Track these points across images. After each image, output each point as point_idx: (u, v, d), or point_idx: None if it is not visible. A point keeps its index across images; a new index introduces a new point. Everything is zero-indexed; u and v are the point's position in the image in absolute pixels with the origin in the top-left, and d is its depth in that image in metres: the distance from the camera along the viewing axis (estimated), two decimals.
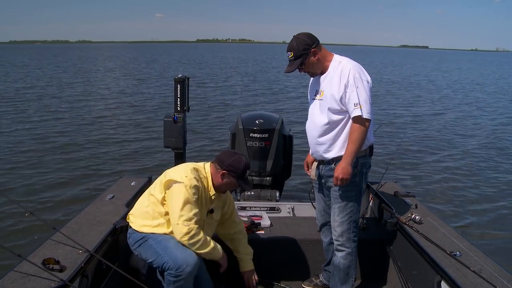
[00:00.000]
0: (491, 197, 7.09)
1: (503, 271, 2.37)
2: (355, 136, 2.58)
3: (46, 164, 8.13)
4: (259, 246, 3.19)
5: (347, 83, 2.56)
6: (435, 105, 17.36)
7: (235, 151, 2.97)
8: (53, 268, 2.21)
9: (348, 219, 2.75)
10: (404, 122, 13.37)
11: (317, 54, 2.65)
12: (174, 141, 4.23)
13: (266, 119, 4.37)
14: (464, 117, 14.74)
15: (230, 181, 2.72)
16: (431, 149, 10.06)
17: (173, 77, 4.26)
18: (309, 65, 2.68)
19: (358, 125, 2.57)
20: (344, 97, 2.59)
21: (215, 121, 12.48)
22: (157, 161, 8.31)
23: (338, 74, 2.61)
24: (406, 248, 2.94)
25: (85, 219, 2.96)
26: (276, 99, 17.60)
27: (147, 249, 2.62)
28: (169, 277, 2.52)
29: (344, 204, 2.74)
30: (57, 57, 56.59)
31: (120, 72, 30.97)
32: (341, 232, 2.78)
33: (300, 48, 2.63)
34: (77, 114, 13.39)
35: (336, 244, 2.85)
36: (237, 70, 33.86)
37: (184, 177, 2.57)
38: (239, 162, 2.70)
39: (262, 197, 4.28)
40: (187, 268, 2.47)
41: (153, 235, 2.63)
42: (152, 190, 2.72)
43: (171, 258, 2.50)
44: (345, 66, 2.62)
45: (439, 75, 36.31)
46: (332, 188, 2.77)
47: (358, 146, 2.60)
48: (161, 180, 2.69)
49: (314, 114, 2.80)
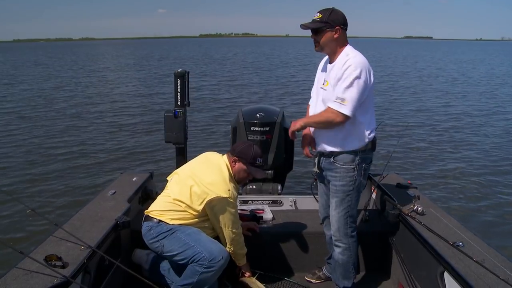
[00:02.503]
0: (494, 188, 7.08)
1: (506, 261, 2.36)
2: (320, 119, 2.61)
3: (47, 161, 8.15)
4: (262, 240, 3.19)
5: (342, 76, 2.50)
6: (440, 97, 17.22)
7: (248, 141, 3.01)
8: (56, 265, 2.21)
9: (345, 214, 2.72)
10: (406, 113, 13.34)
11: (338, 33, 2.55)
12: (175, 136, 4.22)
13: (267, 112, 4.35)
14: (472, 110, 14.59)
15: (241, 167, 2.80)
16: (434, 140, 10.04)
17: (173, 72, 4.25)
18: (325, 38, 2.57)
19: (328, 114, 2.54)
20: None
21: (216, 115, 12.47)
22: (158, 156, 8.32)
23: (341, 67, 2.54)
24: (408, 240, 2.93)
25: (87, 215, 2.95)
26: (282, 93, 17.42)
27: (175, 241, 2.64)
28: (198, 268, 2.56)
29: (341, 198, 2.71)
30: (67, 55, 56.55)
31: (125, 69, 30.85)
32: (337, 227, 2.76)
33: (331, 18, 2.53)
34: (78, 111, 13.42)
35: (333, 239, 2.83)
36: (253, 65, 33.57)
37: (227, 190, 2.67)
38: (249, 148, 2.82)
39: (264, 190, 4.28)
40: (222, 260, 2.58)
41: (181, 228, 2.68)
42: (184, 198, 2.69)
43: (206, 250, 2.57)
44: (348, 61, 2.53)
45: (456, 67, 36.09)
46: (331, 182, 2.76)
47: (315, 123, 2.68)
48: (197, 193, 2.66)
49: (317, 103, 2.77)
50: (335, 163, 2.69)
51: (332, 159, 2.70)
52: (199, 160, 2.93)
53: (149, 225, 2.73)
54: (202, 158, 2.94)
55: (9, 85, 20.52)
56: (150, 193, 3.78)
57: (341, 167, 2.66)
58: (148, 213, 2.80)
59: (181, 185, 2.74)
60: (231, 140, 4.34)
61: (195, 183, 2.68)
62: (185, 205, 2.68)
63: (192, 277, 2.57)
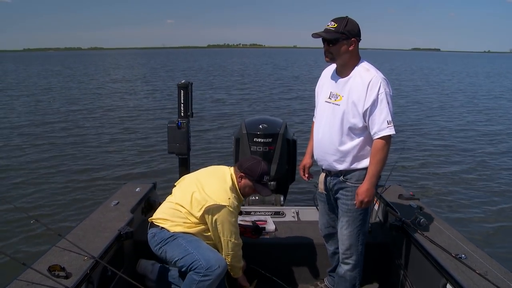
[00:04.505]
0: (496, 200, 7.04)
1: (509, 273, 2.36)
2: (382, 156, 2.44)
3: (50, 171, 8.17)
4: (264, 251, 3.19)
5: (376, 98, 2.39)
6: (444, 109, 17.17)
7: (257, 157, 3.01)
8: (59, 275, 2.22)
9: (357, 232, 2.67)
10: (409, 125, 13.32)
11: (353, 46, 2.44)
12: (178, 146, 4.23)
13: (270, 123, 4.36)
14: (473, 122, 14.59)
15: (247, 183, 2.79)
16: (436, 152, 10.02)
17: (177, 83, 4.29)
18: (339, 49, 2.43)
19: (385, 144, 2.43)
20: (369, 112, 2.42)
21: (220, 126, 12.49)
22: (161, 167, 8.33)
23: (366, 84, 2.41)
24: (411, 251, 2.93)
25: (90, 226, 2.96)
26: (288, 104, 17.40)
27: (176, 247, 2.66)
28: (195, 276, 2.56)
29: (354, 217, 2.64)
30: (76, 64, 56.93)
31: (131, 80, 30.92)
32: (349, 245, 2.70)
33: (347, 28, 2.40)
34: (81, 121, 13.48)
35: (343, 257, 2.76)
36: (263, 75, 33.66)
37: (227, 199, 2.65)
38: (256, 166, 2.79)
39: (267, 201, 4.28)
40: (218, 269, 2.56)
41: (184, 235, 2.69)
42: (185, 203, 2.71)
43: (203, 258, 2.57)
44: (374, 77, 2.42)
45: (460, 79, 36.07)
46: (341, 201, 2.67)
47: (382, 166, 2.48)
48: (198, 199, 2.67)
49: (326, 119, 2.61)
50: (346, 181, 2.61)
51: (342, 178, 2.62)
52: (207, 170, 2.96)
53: (153, 231, 2.77)
54: (210, 168, 2.97)
55: (14, 97, 20.65)
56: (153, 203, 3.79)
57: (353, 185, 2.57)
58: (152, 220, 2.83)
59: (185, 190, 2.78)
60: (233, 151, 4.35)
61: (197, 189, 2.71)
62: (185, 210, 2.70)
63: (190, 287, 2.58)
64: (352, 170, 2.57)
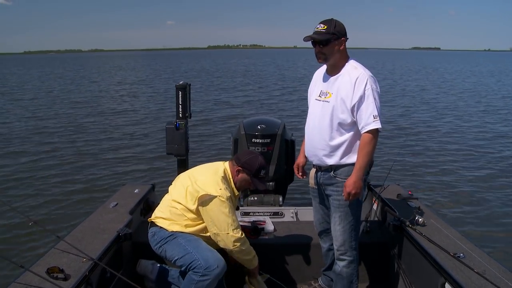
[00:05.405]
0: (496, 199, 7.04)
1: (508, 272, 2.36)
2: (369, 149, 2.51)
3: (49, 173, 8.17)
4: (263, 251, 3.19)
5: (363, 94, 2.48)
6: (441, 108, 17.16)
7: (254, 151, 3.01)
8: (57, 277, 2.22)
9: (350, 227, 2.70)
10: (407, 124, 13.32)
11: (342, 45, 2.57)
12: (176, 148, 4.24)
13: (268, 124, 4.37)
14: (470, 120, 14.57)
15: (244, 177, 2.80)
16: (434, 151, 10.02)
17: (175, 84, 4.29)
18: (331, 50, 2.55)
19: (372, 138, 2.51)
20: (356, 107, 2.51)
21: (218, 127, 12.49)
22: (160, 168, 8.33)
23: (353, 81, 2.51)
24: (409, 251, 2.93)
25: (88, 227, 2.97)
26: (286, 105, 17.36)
27: (175, 246, 2.67)
28: (194, 276, 2.56)
29: (345, 213, 2.67)
30: (77, 67, 56.92)
31: (131, 82, 30.85)
32: (343, 241, 2.73)
33: (336, 29, 2.53)
34: (80, 123, 13.47)
35: (338, 253, 2.79)
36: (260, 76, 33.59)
37: (219, 189, 2.64)
38: (254, 160, 2.80)
39: (265, 202, 4.29)
40: (217, 269, 2.55)
41: (183, 234, 2.70)
42: (180, 198, 2.73)
43: (202, 257, 2.57)
44: (361, 74, 2.52)
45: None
46: (332, 197, 2.72)
47: (370, 159, 2.56)
48: (191, 192, 2.69)
49: (316, 116, 2.70)
50: (335, 177, 2.66)
51: (332, 173, 2.67)
52: (201, 165, 2.98)
53: (153, 230, 2.79)
54: (205, 164, 2.98)
55: (14, 99, 20.64)
56: (152, 205, 3.79)
57: (343, 181, 2.61)
58: (151, 220, 2.85)
59: (179, 186, 2.80)
60: (232, 152, 4.36)
61: (190, 183, 2.73)
62: (181, 206, 2.71)
63: (189, 287, 2.58)
64: (341, 165, 2.63)
